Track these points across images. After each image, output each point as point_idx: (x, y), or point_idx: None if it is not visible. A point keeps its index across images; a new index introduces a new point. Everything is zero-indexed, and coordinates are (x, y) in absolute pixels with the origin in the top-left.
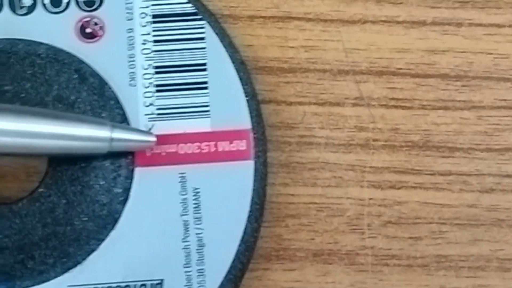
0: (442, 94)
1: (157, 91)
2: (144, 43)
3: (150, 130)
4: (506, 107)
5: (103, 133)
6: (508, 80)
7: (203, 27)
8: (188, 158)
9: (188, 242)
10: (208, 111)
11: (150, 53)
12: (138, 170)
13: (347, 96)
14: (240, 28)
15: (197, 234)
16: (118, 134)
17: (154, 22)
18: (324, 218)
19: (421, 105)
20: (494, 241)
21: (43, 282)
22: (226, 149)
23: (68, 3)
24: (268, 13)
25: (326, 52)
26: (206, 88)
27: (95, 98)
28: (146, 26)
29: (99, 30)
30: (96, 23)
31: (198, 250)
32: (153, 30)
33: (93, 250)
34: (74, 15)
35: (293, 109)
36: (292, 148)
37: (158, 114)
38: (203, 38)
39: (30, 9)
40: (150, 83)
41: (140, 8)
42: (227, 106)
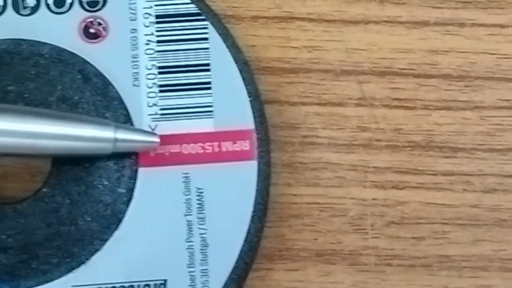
0: (444, 94)
1: (160, 91)
2: (147, 44)
3: (153, 130)
4: (508, 107)
5: (107, 133)
6: (510, 80)
7: (206, 28)
8: (191, 158)
9: (191, 242)
10: (211, 111)
11: (154, 53)
12: (141, 170)
13: (350, 96)
14: (243, 28)
15: (200, 234)
16: (122, 135)
17: (157, 23)
18: (326, 218)
19: (423, 105)
20: (496, 241)
21: (47, 282)
22: (230, 149)
23: (71, 4)
24: (270, 13)
25: (328, 52)
26: (210, 88)
27: (99, 98)
28: (149, 26)
29: (103, 31)
30: (99, 24)
31: (201, 250)
32: (156, 31)
33: (97, 250)
34: (77, 15)
35: (295, 109)
36: (295, 148)
37: (161, 114)
38: (206, 39)
39: (34, 9)
40: (153, 83)
41: (143, 8)
42: (231, 107)
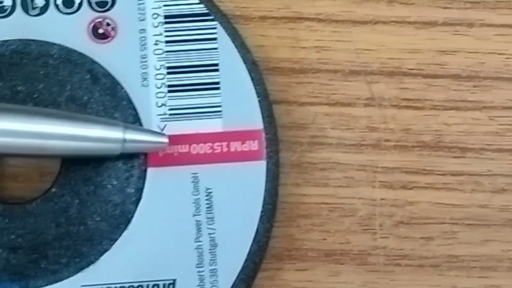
0: (453, 95)
1: (169, 92)
2: (156, 44)
3: (162, 130)
4: None
5: (116, 134)
6: None
7: (215, 28)
8: (200, 158)
9: (200, 242)
10: (220, 112)
11: (162, 53)
12: (150, 170)
13: (358, 96)
14: (251, 28)
15: (209, 234)
16: (130, 135)
17: (166, 23)
18: (335, 218)
19: (432, 105)
20: (505, 241)
21: (56, 281)
22: (238, 149)
23: (80, 4)
24: (279, 13)
25: (337, 52)
26: (218, 88)
27: (108, 99)
28: (158, 26)
29: (112, 31)
30: (108, 24)
31: (210, 250)
32: (165, 31)
33: (106, 250)
34: (86, 16)
35: (304, 109)
36: (303, 148)
37: (170, 115)
38: (215, 39)
39: (43, 9)
40: (162, 84)
41: (152, 8)
42: (239, 107)
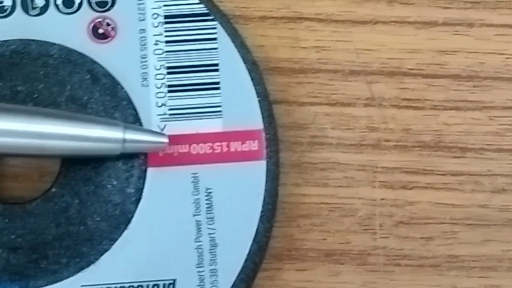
0: (453, 95)
1: (169, 92)
2: (156, 44)
3: (162, 130)
4: None
5: (116, 134)
6: None
7: (215, 28)
8: (200, 158)
9: (200, 242)
10: (220, 112)
11: (162, 53)
12: (150, 170)
13: (358, 96)
14: (251, 28)
15: (209, 234)
16: (130, 135)
17: (166, 23)
18: (335, 218)
19: (432, 105)
20: (505, 241)
21: (56, 281)
22: (238, 149)
23: (80, 4)
24: (279, 13)
25: (337, 52)
26: (218, 88)
27: (108, 99)
28: (158, 26)
29: (112, 31)
30: (108, 24)
31: (210, 250)
32: (165, 31)
33: (106, 250)
34: (86, 16)
35: (304, 109)
36: (303, 148)
37: (170, 115)
38: (215, 39)
39: (43, 9)
40: (162, 84)
41: (152, 8)
42: (239, 107)
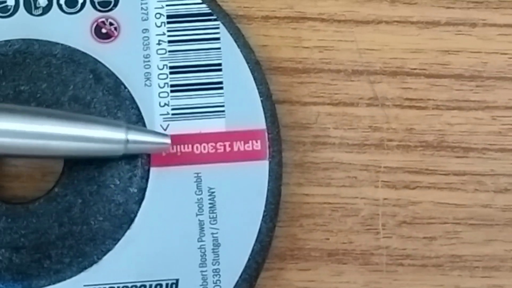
0: (456, 94)
1: (172, 91)
2: (159, 44)
3: (165, 130)
4: None
5: (118, 135)
6: None
7: (218, 28)
8: (203, 158)
9: (203, 241)
10: (223, 111)
11: (165, 53)
12: (153, 170)
13: (361, 96)
14: (254, 28)
15: (212, 233)
16: (133, 136)
17: (169, 23)
18: (338, 218)
19: (435, 105)
20: (508, 241)
21: (59, 281)
22: (241, 149)
23: (83, 4)
24: (282, 13)
25: (340, 52)
26: (221, 88)
27: (111, 98)
28: (161, 26)
29: (114, 31)
30: (111, 24)
31: (213, 249)
32: (168, 31)
33: (109, 250)
34: (89, 16)
35: (307, 109)
36: (306, 148)
37: (173, 114)
38: (218, 39)
39: (46, 9)
40: (165, 83)
41: (155, 8)
42: (242, 106)
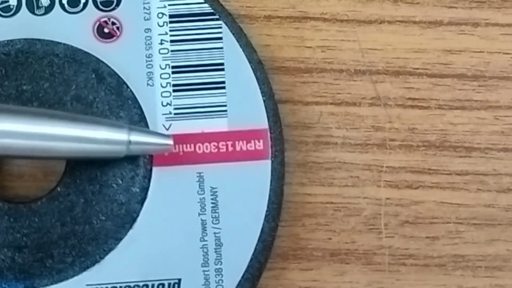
0: (458, 94)
1: (174, 91)
2: (161, 43)
3: (167, 129)
4: None
5: (121, 136)
6: None
7: (220, 27)
8: (205, 158)
9: (205, 241)
10: (225, 111)
11: (168, 53)
12: (156, 170)
13: (364, 96)
14: (256, 28)
15: (214, 233)
16: (135, 137)
17: (171, 22)
18: (341, 218)
19: (437, 105)
20: (511, 240)
21: (62, 280)
22: (244, 148)
23: (85, 3)
24: (284, 13)
25: (343, 52)
26: (224, 88)
27: (113, 98)
28: (163, 26)
29: (117, 30)
30: (113, 23)
31: (215, 249)
32: (170, 30)
33: (111, 249)
34: (91, 15)
35: (309, 109)
36: (309, 147)
37: (175, 114)
38: (220, 38)
39: (48, 9)
40: (167, 83)
41: (157, 8)
42: (245, 106)
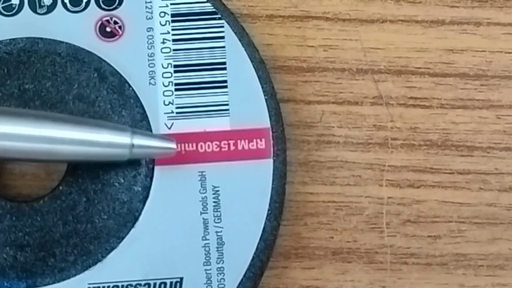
0: (460, 93)
1: (176, 90)
2: (163, 42)
3: (169, 128)
4: None
5: (124, 139)
6: None
7: (222, 26)
8: (207, 157)
9: (207, 240)
10: (227, 110)
11: (170, 52)
12: (158, 169)
13: (366, 95)
14: (259, 27)
15: (216, 232)
16: (138, 141)
17: (173, 21)
18: (343, 217)
19: (439, 104)
20: None
21: (64, 279)
22: (246, 147)
23: (88, 2)
24: (286, 12)
25: (345, 51)
26: (226, 87)
27: (115, 97)
28: (165, 25)
29: (119, 29)
30: (115, 22)
31: (217, 248)
32: (172, 29)
33: (113, 248)
34: (93, 14)
35: (311, 108)
36: (311, 147)
37: (177, 113)
38: (223, 37)
39: (50, 8)
40: (169, 82)
41: (159, 7)
42: (247, 105)
